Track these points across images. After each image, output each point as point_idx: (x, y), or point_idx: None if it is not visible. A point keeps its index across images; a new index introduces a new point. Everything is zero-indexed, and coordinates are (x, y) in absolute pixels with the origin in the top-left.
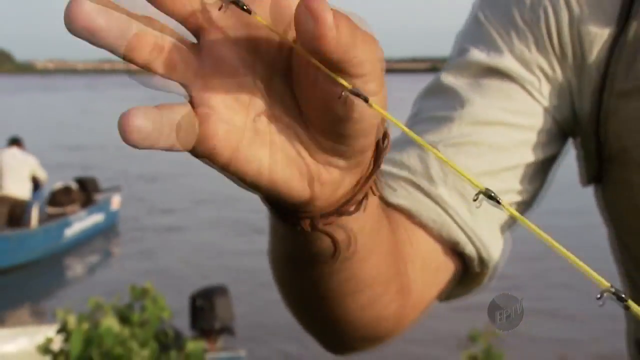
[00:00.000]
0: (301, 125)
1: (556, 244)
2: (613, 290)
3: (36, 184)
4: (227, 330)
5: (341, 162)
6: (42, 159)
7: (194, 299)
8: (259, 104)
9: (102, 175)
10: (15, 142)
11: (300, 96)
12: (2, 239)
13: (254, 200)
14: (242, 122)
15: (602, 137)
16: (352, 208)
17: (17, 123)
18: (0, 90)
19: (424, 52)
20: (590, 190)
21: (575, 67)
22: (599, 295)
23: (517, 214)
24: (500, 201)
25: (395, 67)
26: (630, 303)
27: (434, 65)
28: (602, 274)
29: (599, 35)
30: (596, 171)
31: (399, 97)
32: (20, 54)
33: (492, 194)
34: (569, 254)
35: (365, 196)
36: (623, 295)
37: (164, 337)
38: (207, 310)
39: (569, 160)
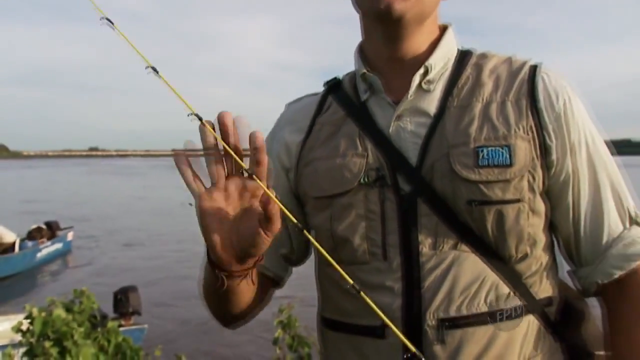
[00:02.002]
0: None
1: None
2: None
3: None
4: (136, 312)
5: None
6: (20, 209)
7: (116, 294)
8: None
9: (60, 217)
10: None
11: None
12: None
13: (152, 233)
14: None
15: (301, 197)
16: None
17: (7, 188)
18: None
19: None
20: None
21: (288, 160)
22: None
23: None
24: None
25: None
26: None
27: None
28: None
29: (297, 140)
30: None
31: None
32: (12, 145)
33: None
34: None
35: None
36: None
37: (94, 319)
38: (124, 300)
39: None
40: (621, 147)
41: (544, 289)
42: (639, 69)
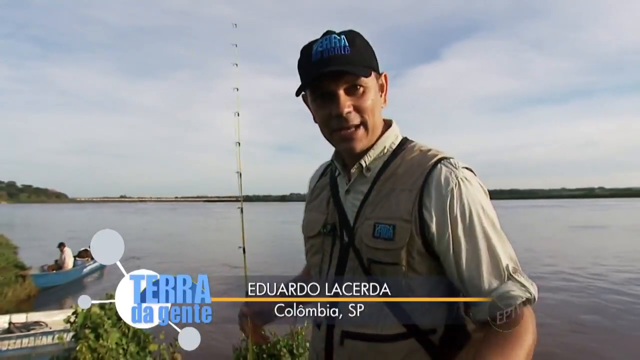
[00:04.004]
0: None
1: None
2: None
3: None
4: None
5: None
6: (66, 235)
7: None
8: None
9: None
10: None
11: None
12: (58, 274)
13: (149, 252)
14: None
15: None
16: None
17: (61, 223)
18: (60, 210)
19: None
20: None
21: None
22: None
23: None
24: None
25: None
26: None
27: None
28: None
29: (308, 197)
30: None
31: None
32: (70, 194)
33: None
34: None
35: None
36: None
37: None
38: None
39: None
40: None
41: (427, 321)
42: (470, 148)
